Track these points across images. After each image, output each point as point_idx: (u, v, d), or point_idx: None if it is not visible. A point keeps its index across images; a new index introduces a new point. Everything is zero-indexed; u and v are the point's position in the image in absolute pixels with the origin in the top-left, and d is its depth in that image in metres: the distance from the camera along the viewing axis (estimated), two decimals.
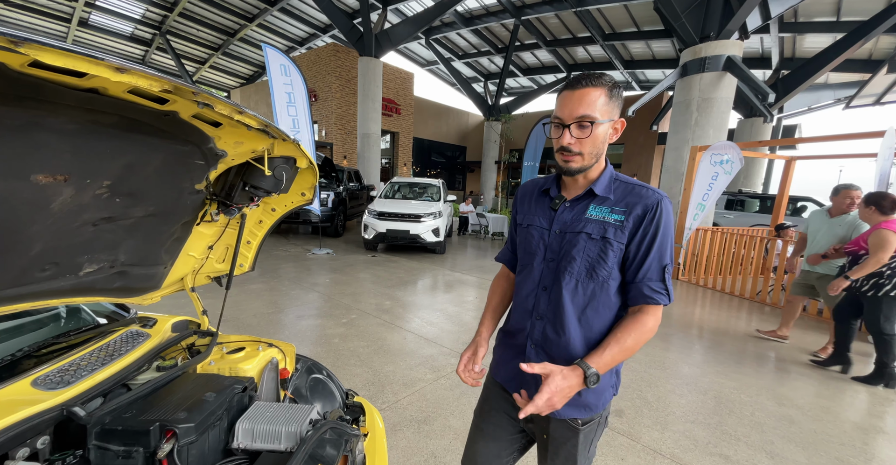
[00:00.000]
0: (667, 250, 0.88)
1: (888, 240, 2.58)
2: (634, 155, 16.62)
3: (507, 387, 1.02)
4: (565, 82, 0.87)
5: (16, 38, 0.40)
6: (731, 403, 2.45)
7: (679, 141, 7.17)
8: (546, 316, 0.94)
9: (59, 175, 0.72)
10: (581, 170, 0.89)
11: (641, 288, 0.88)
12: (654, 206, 0.86)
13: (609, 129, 0.87)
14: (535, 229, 0.97)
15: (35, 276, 0.88)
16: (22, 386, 0.87)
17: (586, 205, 0.92)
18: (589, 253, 0.89)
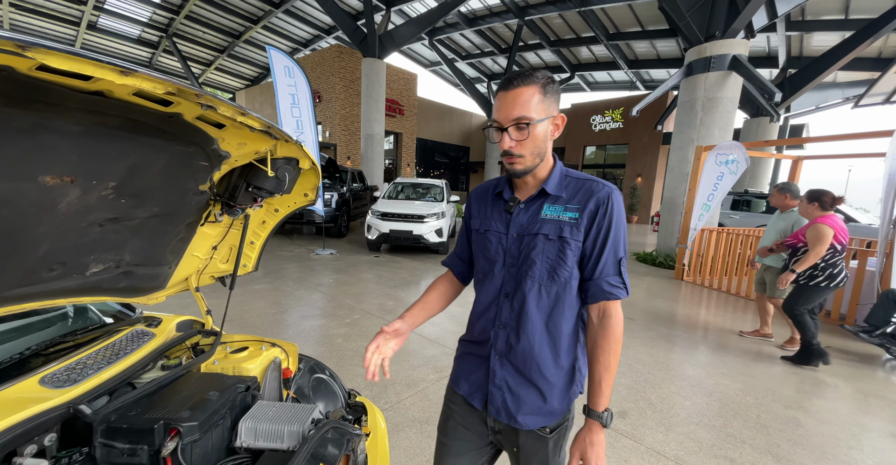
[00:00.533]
0: (620, 243, 0.88)
1: (825, 233, 2.80)
2: (639, 155, 16.54)
3: (471, 400, 0.97)
4: (500, 83, 0.85)
5: (23, 43, 0.40)
6: (737, 405, 2.43)
7: (684, 141, 7.12)
8: (509, 324, 0.91)
9: (66, 176, 0.73)
10: (526, 171, 0.88)
11: (601, 284, 0.87)
12: (605, 199, 0.86)
13: (549, 126, 0.85)
14: (493, 235, 0.95)
15: (42, 276, 0.89)
16: (30, 384, 0.88)
17: (540, 205, 0.90)
18: (548, 255, 0.87)
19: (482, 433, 0.99)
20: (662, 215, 7.57)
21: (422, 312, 1.03)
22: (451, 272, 1.11)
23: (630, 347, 3.28)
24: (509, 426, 0.93)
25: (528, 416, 0.91)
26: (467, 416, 1.00)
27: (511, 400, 0.91)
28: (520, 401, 0.91)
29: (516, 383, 0.91)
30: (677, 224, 6.97)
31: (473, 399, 0.97)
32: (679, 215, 6.96)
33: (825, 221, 2.85)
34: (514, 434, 0.94)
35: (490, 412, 0.94)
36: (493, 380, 0.93)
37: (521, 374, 0.91)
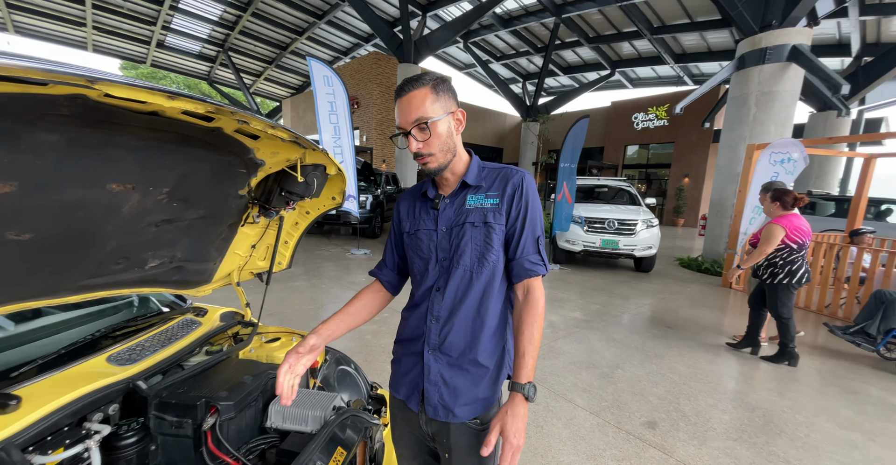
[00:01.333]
0: (537, 223, 0.92)
1: (773, 234, 2.90)
2: (686, 154, 15.58)
3: (409, 403, 0.96)
4: (395, 91, 0.89)
5: (91, 78, 0.50)
6: (784, 422, 2.25)
7: (734, 139, 6.65)
8: (441, 316, 0.92)
9: (128, 184, 0.86)
10: (441, 168, 0.90)
11: (522, 263, 0.91)
12: (519, 183, 0.91)
13: (450, 122, 0.89)
14: (424, 233, 0.97)
15: (111, 268, 1.04)
16: (99, 361, 1.03)
17: (464, 197, 0.94)
18: (476, 242, 0.91)
19: (423, 436, 0.99)
20: (710, 218, 7.11)
21: (341, 323, 0.97)
22: (378, 282, 1.09)
23: (665, 356, 3.13)
24: (441, 427, 0.92)
25: (464, 407, 0.91)
26: (410, 421, 0.99)
27: (447, 394, 0.91)
28: (456, 392, 0.91)
29: (451, 375, 0.91)
30: (726, 228, 6.52)
31: (411, 401, 0.96)
32: (728, 219, 6.51)
33: (779, 221, 2.94)
34: (446, 434, 0.92)
35: (427, 413, 0.92)
36: (428, 376, 0.92)
37: (455, 364, 0.92)
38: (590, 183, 7.80)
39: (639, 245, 6.03)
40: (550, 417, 2.21)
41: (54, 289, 0.93)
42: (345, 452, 1.01)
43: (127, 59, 18.13)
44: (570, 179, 6.39)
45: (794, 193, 2.98)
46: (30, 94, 0.53)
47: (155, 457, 1.00)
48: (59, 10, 13.45)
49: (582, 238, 6.22)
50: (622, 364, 2.94)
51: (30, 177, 0.65)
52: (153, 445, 0.99)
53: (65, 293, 0.96)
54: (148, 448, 0.97)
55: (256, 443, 1.08)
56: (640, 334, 3.64)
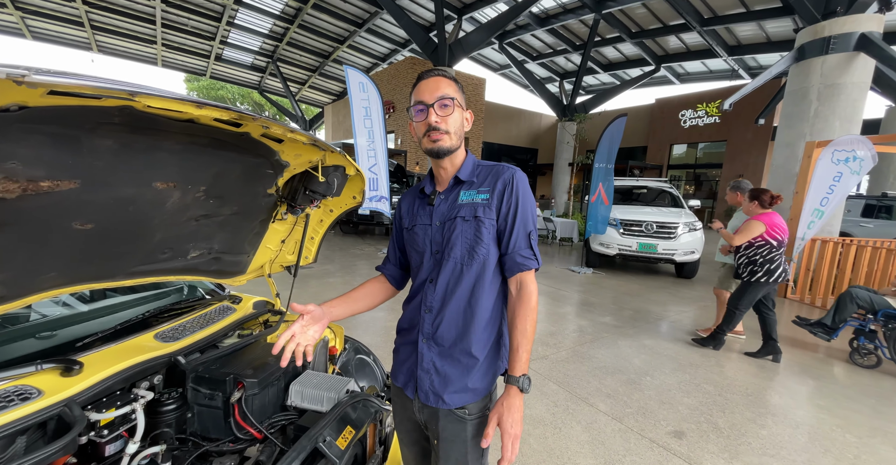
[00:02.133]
0: (528, 218, 0.94)
1: (750, 227, 2.98)
2: (740, 153, 14.49)
3: (406, 390, 1.00)
4: (418, 76, 0.94)
5: (132, 91, 0.61)
6: (830, 441, 2.07)
7: (792, 136, 6.13)
8: (434, 307, 0.96)
9: (171, 182, 0.98)
10: (450, 150, 0.94)
11: (514, 257, 0.93)
12: (510, 179, 0.94)
13: (463, 115, 0.96)
14: (420, 228, 1.01)
15: (158, 257, 1.19)
16: (148, 338, 1.18)
17: (457, 192, 0.98)
18: (466, 235, 0.93)
19: (416, 424, 1.04)
20: None
21: (343, 304, 1.04)
22: (383, 276, 1.16)
23: (701, 366, 2.96)
24: (432, 414, 0.95)
25: (453, 394, 0.93)
26: (406, 408, 1.03)
27: (438, 381, 0.94)
28: (446, 380, 0.94)
29: (442, 363, 0.95)
30: None
31: (407, 389, 1.00)
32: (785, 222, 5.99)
33: (760, 218, 3.01)
34: (436, 421, 0.95)
35: (420, 398, 0.96)
36: (422, 364, 0.96)
37: (447, 353, 0.94)
38: (627, 184, 7.48)
39: (679, 249, 5.71)
40: (570, 420, 2.18)
41: (112, 273, 1.08)
42: (354, 431, 1.09)
43: (190, 72, 19.84)
44: (606, 180, 6.19)
45: (770, 191, 3.07)
46: (87, 106, 0.65)
47: (192, 424, 1.13)
48: (134, 30, 15.00)
49: (617, 241, 6.00)
50: (652, 372, 2.82)
51: (90, 175, 0.78)
52: (190, 413, 1.12)
53: (120, 277, 1.12)
54: (185, 415, 1.10)
55: (278, 418, 1.19)
56: (674, 342, 3.47)
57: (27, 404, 0.79)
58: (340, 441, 1.04)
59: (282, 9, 13.77)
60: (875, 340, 3.06)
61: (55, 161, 0.72)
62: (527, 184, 0.97)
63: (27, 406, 0.79)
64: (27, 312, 1.26)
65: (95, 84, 0.56)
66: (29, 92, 0.55)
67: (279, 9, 13.79)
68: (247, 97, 29.95)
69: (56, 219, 0.80)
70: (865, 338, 3.09)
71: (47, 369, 0.89)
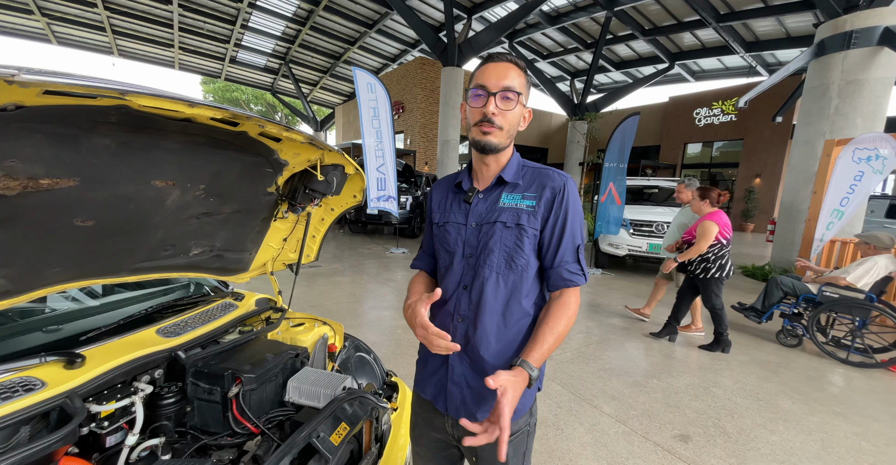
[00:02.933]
0: (578, 231, 0.88)
1: (709, 231, 3.08)
2: (757, 152, 14.12)
3: (436, 403, 0.95)
4: (486, 57, 0.85)
5: (122, 91, 0.62)
6: (844, 449, 2.00)
7: (811, 134, 5.94)
8: (468, 317, 0.89)
9: (170, 181, 1.01)
10: (498, 147, 0.85)
11: (560, 272, 0.86)
12: (561, 188, 0.86)
13: (523, 112, 0.87)
14: (452, 226, 0.94)
15: (160, 254, 1.22)
16: (150, 333, 1.21)
17: (499, 194, 0.90)
18: (506, 243, 0.86)
19: (448, 439, 0.97)
20: (780, 223, 6.41)
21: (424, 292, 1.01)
22: (423, 272, 1.09)
23: (711, 369, 2.90)
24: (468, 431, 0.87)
25: (487, 412, 0.86)
26: (433, 422, 0.98)
27: (470, 397, 0.89)
28: (479, 396, 0.88)
29: (475, 378, 0.89)
30: (798, 233, 5.84)
31: (437, 402, 0.94)
32: (801, 223, 5.82)
33: (712, 217, 3.13)
34: None
35: (450, 412, 0.91)
36: (452, 377, 0.90)
37: (480, 367, 0.88)
38: (638, 184, 7.36)
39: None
40: (572, 421, 2.16)
41: (116, 269, 1.11)
42: (348, 427, 1.10)
43: (205, 74, 20.28)
44: (617, 179, 6.10)
45: (717, 190, 3.23)
46: (84, 105, 0.67)
47: (191, 418, 1.15)
48: (153, 34, 15.40)
49: (627, 242, 5.91)
50: (659, 374, 2.77)
51: (89, 173, 0.81)
52: (189, 407, 1.14)
53: (124, 274, 1.15)
54: (184, 409, 1.12)
55: (275, 414, 1.20)
56: (683, 344, 3.40)
57: (31, 394, 0.82)
58: (334, 437, 1.05)
59: (294, 11, 13.97)
60: (800, 322, 3.41)
61: (55, 159, 0.74)
62: (577, 194, 0.90)
63: (31, 397, 0.82)
64: (41, 306, 1.30)
65: (86, 83, 0.58)
66: (23, 92, 0.57)
67: (291, 11, 13.99)
68: (260, 99, 30.47)
69: (57, 216, 0.83)
70: (790, 320, 3.46)
71: (51, 361, 0.92)
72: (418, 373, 1.02)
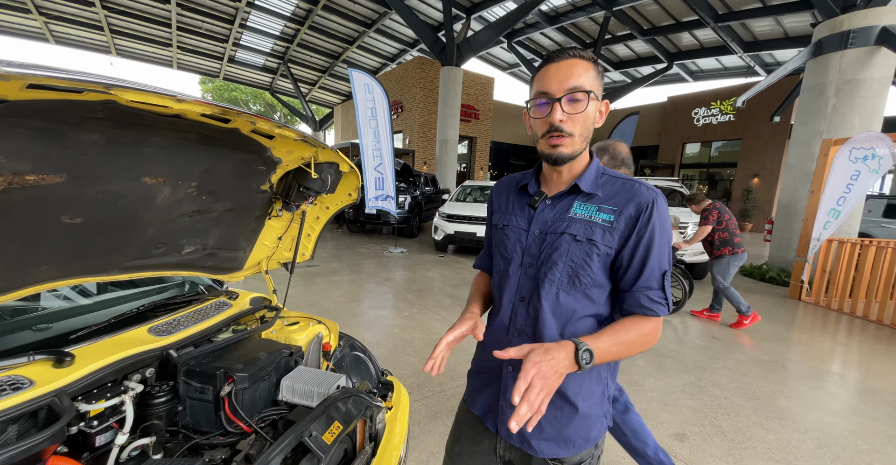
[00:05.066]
0: (665, 254, 0.77)
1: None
2: (756, 152, 14.16)
3: (486, 422, 0.89)
4: (543, 59, 0.77)
5: (108, 85, 0.61)
6: (841, 448, 2.00)
7: (808, 134, 5.95)
8: (525, 332, 0.83)
9: (160, 178, 1.00)
10: (572, 156, 0.77)
11: (639, 298, 0.77)
12: (648, 205, 0.75)
13: (598, 109, 0.77)
14: (512, 231, 0.87)
15: (152, 252, 1.21)
16: (142, 331, 1.20)
17: (570, 202, 0.81)
18: (573, 257, 0.78)
19: (493, 461, 0.90)
20: (778, 222, 6.42)
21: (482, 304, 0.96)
22: (484, 274, 1.05)
23: (708, 368, 2.90)
24: (523, 458, 0.84)
25: (543, 442, 0.81)
26: (477, 441, 0.91)
27: None
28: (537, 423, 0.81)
29: None
30: (795, 233, 5.85)
31: (488, 420, 0.89)
32: (798, 223, 5.83)
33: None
34: (526, 463, 0.84)
35: (501, 434, 0.86)
36: (505, 395, 0.84)
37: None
38: None
39: (690, 250, 5.59)
40: None
41: (106, 267, 1.10)
42: (342, 426, 1.09)
43: (204, 74, 20.23)
44: None
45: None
46: (70, 100, 0.66)
47: (183, 417, 1.14)
48: (151, 33, 15.36)
49: None
50: (656, 374, 2.77)
51: (77, 170, 0.80)
52: (181, 406, 1.13)
53: (115, 272, 1.14)
54: (176, 408, 1.11)
55: (268, 413, 1.20)
56: (681, 343, 3.40)
57: (18, 393, 0.81)
58: (327, 436, 1.04)
59: (293, 10, 13.94)
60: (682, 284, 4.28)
61: (41, 155, 0.73)
62: (666, 213, 0.78)
63: (18, 396, 0.81)
64: (33, 304, 1.29)
65: (70, 77, 0.57)
66: (6, 85, 0.56)
67: (290, 10, 13.97)
68: (259, 98, 30.41)
69: (45, 213, 0.82)
70: None
71: (39, 360, 0.91)
72: (469, 384, 0.97)
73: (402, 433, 1.36)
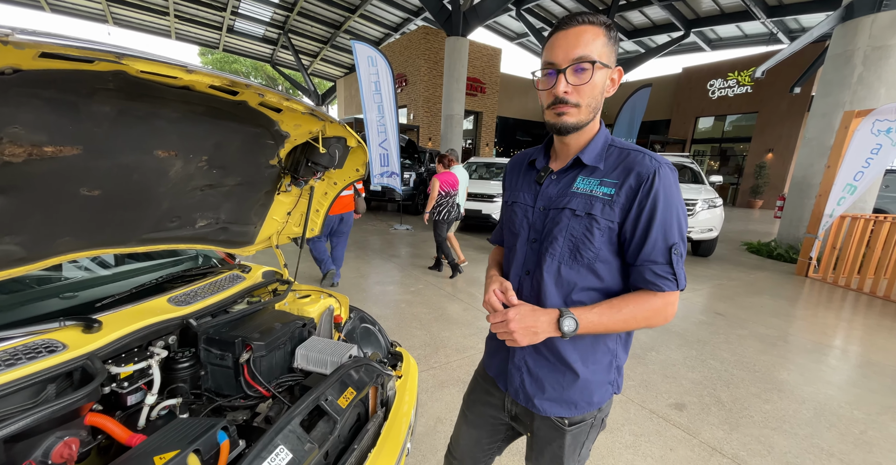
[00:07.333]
0: (673, 227, 0.74)
1: (433, 185, 4.23)
2: (772, 125, 13.67)
3: (498, 381, 0.96)
4: (553, 26, 0.75)
5: (119, 54, 0.61)
6: (836, 417, 2.06)
7: (829, 105, 5.72)
8: (528, 302, 0.84)
9: (172, 151, 1.01)
10: (577, 126, 0.77)
11: (643, 273, 0.76)
12: (649, 175, 0.73)
13: (608, 77, 0.75)
14: (519, 207, 0.89)
15: (167, 225, 1.23)
16: (161, 301, 1.25)
17: (573, 177, 0.81)
18: (573, 232, 0.78)
19: (500, 414, 0.99)
20: (790, 198, 6.31)
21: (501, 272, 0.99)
22: (500, 248, 1.06)
23: (709, 343, 2.95)
24: (526, 412, 0.91)
25: (546, 402, 0.86)
26: (490, 393, 1.00)
27: (529, 382, 0.87)
28: (539, 384, 0.86)
29: (536, 364, 0.87)
30: (807, 209, 5.75)
31: (499, 381, 0.95)
32: (811, 199, 5.72)
33: (437, 177, 4.25)
34: (530, 419, 0.91)
35: (510, 393, 0.92)
36: (513, 359, 0.89)
37: (541, 355, 0.86)
38: None
39: (697, 227, 5.55)
40: None
41: (124, 239, 1.13)
42: (355, 392, 1.15)
43: (203, 45, 19.69)
44: None
45: (449, 156, 4.39)
46: (81, 70, 0.66)
47: (206, 381, 1.21)
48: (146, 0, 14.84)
49: None
50: (657, 347, 2.83)
51: (92, 142, 0.81)
52: (203, 371, 1.19)
53: (132, 244, 1.17)
54: (198, 373, 1.18)
55: (285, 379, 1.26)
56: (683, 319, 3.45)
57: (54, 355, 0.86)
58: (342, 400, 1.10)
59: None
60: None
61: (56, 127, 0.74)
62: (673, 183, 0.75)
63: (54, 358, 0.86)
64: (57, 274, 1.34)
65: (82, 45, 0.57)
66: (19, 54, 0.56)
67: None
68: (260, 71, 29.69)
69: (63, 184, 0.84)
70: None
71: (69, 326, 0.96)
72: (486, 348, 1.05)
73: (412, 400, 1.42)
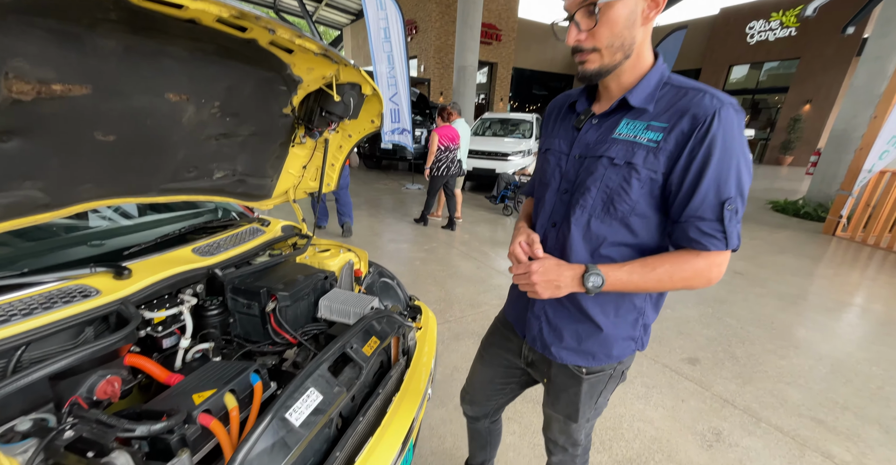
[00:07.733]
0: (730, 180, 0.64)
1: (431, 140, 4.22)
2: (814, 74, 12.50)
3: (517, 328, 0.97)
4: None
5: None
6: (853, 373, 2.07)
7: (885, 47, 5.16)
8: (552, 255, 0.80)
9: (183, 95, 0.96)
10: (602, 72, 0.69)
11: (687, 230, 0.67)
12: (706, 118, 0.63)
13: (638, 5, 0.63)
14: (553, 155, 0.82)
15: (185, 175, 1.21)
16: (186, 251, 1.26)
17: (617, 120, 0.72)
18: (608, 182, 0.71)
19: (516, 360, 1.01)
20: (825, 153, 5.94)
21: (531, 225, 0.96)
22: (531, 200, 1.02)
23: (726, 301, 2.93)
24: (543, 358, 0.91)
25: (563, 350, 0.85)
26: (508, 338, 1.01)
27: (548, 331, 0.87)
28: (557, 333, 0.85)
29: (556, 315, 0.85)
30: (844, 165, 5.42)
31: (518, 327, 0.96)
32: (849, 154, 5.36)
33: (436, 130, 4.21)
34: (547, 366, 0.91)
35: (527, 340, 0.93)
36: (532, 308, 0.89)
37: (562, 306, 0.84)
38: None
39: None
40: None
41: (144, 189, 1.13)
42: (378, 341, 1.18)
43: None
44: None
45: (449, 108, 4.32)
46: None
47: (235, 328, 1.25)
48: None
49: None
50: (673, 305, 2.84)
51: (100, 81, 0.76)
52: (231, 319, 1.24)
53: (153, 194, 1.16)
54: (227, 320, 1.22)
55: (310, 328, 1.30)
56: None
57: (89, 300, 0.89)
58: (366, 349, 1.13)
59: None
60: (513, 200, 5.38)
61: (62, 62, 0.70)
62: (736, 127, 0.64)
63: (89, 302, 0.89)
64: (83, 222, 1.37)
65: None
66: None
67: None
68: None
69: (77, 128, 0.81)
70: (508, 199, 5.49)
71: (100, 272, 0.98)
72: (508, 296, 1.04)
73: (431, 350, 1.47)
